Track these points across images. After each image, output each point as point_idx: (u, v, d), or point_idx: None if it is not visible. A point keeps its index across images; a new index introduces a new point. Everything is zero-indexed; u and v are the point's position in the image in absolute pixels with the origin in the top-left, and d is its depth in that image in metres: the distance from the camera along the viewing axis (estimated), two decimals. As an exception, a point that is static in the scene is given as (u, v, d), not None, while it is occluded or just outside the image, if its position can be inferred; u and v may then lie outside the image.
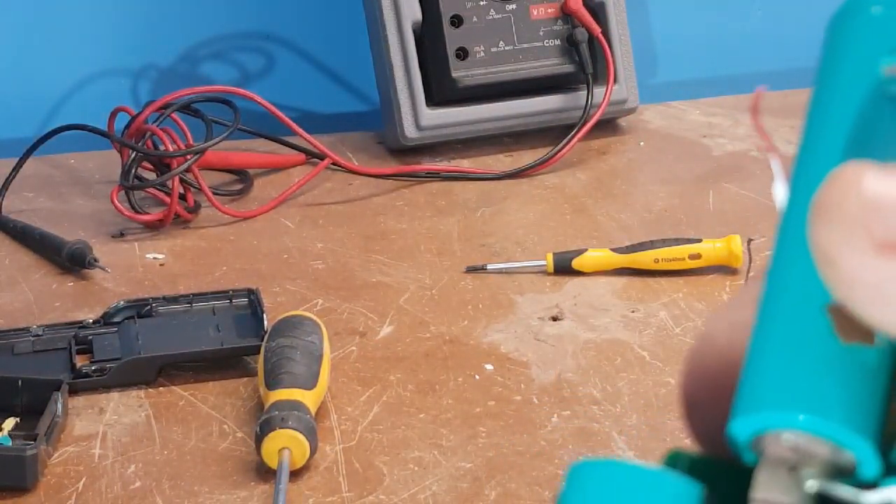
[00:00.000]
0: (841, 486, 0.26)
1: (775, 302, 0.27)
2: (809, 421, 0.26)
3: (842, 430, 0.26)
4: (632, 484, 0.27)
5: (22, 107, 1.36)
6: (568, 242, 1.13)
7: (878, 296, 0.25)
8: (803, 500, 0.26)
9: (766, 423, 0.26)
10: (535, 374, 0.95)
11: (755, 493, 0.26)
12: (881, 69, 0.28)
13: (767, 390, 0.26)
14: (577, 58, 1.31)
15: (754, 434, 0.26)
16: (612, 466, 0.27)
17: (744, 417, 0.26)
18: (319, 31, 1.43)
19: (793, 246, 0.27)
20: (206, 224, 1.18)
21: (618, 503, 0.27)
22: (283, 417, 0.83)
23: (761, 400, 0.26)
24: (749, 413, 0.26)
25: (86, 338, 0.96)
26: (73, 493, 0.82)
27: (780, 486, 0.26)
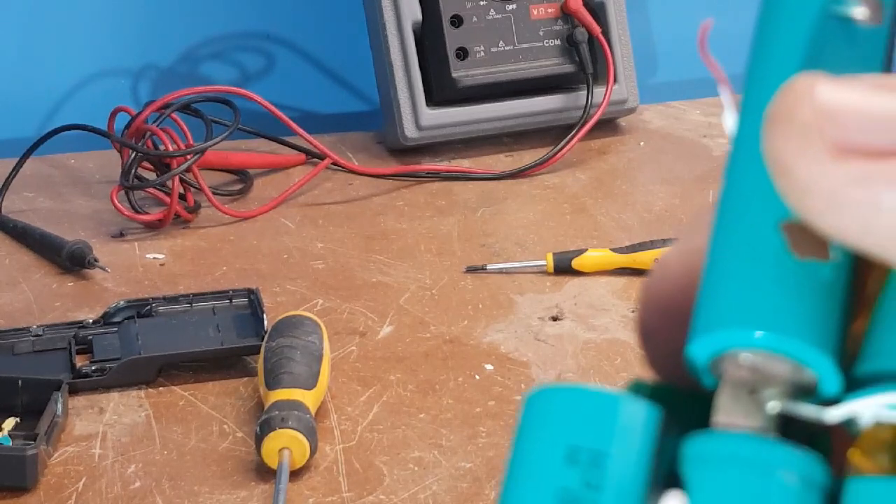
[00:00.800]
0: (803, 405, 0.26)
1: (729, 222, 0.27)
2: (767, 338, 0.25)
3: (800, 346, 0.25)
4: (589, 407, 0.26)
5: (22, 107, 1.36)
6: (568, 242, 1.13)
7: (834, 202, 0.25)
8: (765, 421, 0.26)
9: (724, 342, 0.26)
10: (536, 374, 0.95)
11: (716, 416, 0.26)
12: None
13: (723, 310, 0.26)
14: (577, 58, 1.31)
15: (712, 356, 0.26)
16: (568, 392, 0.27)
17: (701, 338, 0.26)
18: (319, 31, 1.43)
19: (744, 166, 0.27)
20: (206, 224, 1.18)
21: (575, 426, 0.26)
22: (283, 417, 0.83)
23: (717, 320, 0.26)
24: (706, 333, 0.26)
25: (86, 338, 0.96)
26: (73, 493, 0.82)
27: (742, 409, 0.26)
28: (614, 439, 0.26)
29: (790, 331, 0.25)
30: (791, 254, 0.26)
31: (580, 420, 0.26)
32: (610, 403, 0.26)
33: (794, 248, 0.26)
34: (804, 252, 0.26)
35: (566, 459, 0.26)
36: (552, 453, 0.26)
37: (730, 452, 0.25)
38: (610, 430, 0.26)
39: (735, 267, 0.26)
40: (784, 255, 0.26)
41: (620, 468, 0.26)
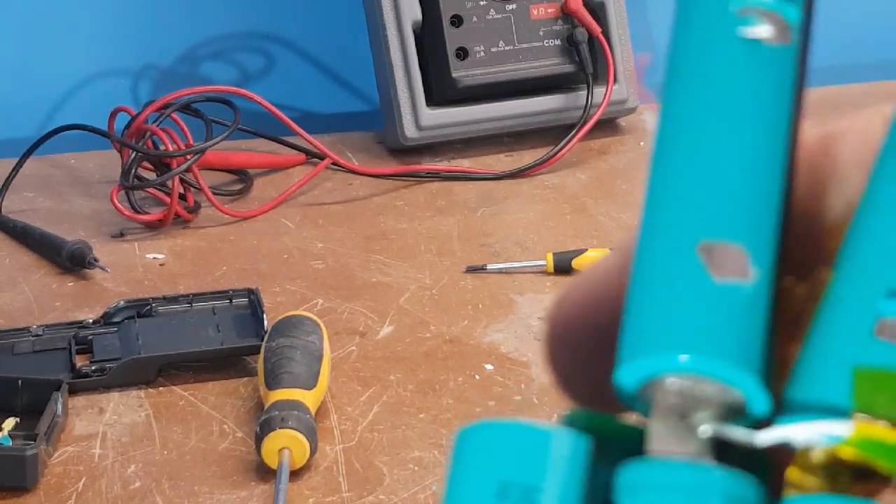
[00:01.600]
0: (734, 429, 0.26)
1: (647, 246, 0.27)
2: (692, 361, 0.25)
3: (725, 367, 0.25)
4: (520, 441, 0.26)
5: (22, 107, 1.36)
6: (568, 242, 1.13)
7: None
8: (698, 445, 0.26)
9: (649, 368, 0.26)
10: (536, 374, 0.95)
11: (649, 444, 0.26)
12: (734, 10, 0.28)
13: (647, 335, 0.26)
14: (577, 58, 1.31)
15: (640, 383, 0.26)
16: (497, 427, 0.27)
17: (626, 366, 0.26)
18: (319, 31, 1.43)
19: (661, 186, 0.27)
20: (206, 224, 1.18)
21: (505, 461, 0.26)
22: (283, 417, 0.83)
23: (642, 346, 0.26)
24: (631, 360, 0.26)
25: (86, 338, 0.96)
26: (73, 493, 0.82)
27: (674, 435, 0.26)
28: (546, 473, 0.26)
29: (714, 352, 0.25)
30: (710, 275, 0.26)
31: (511, 455, 0.26)
32: (540, 437, 0.26)
33: (712, 269, 0.26)
34: (723, 273, 0.26)
35: (497, 496, 0.26)
36: (483, 490, 0.26)
37: (662, 480, 0.25)
38: (541, 464, 0.26)
39: (655, 291, 0.26)
40: (703, 276, 0.26)
41: (553, 501, 0.26)
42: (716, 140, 0.27)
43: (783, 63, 0.28)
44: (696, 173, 0.27)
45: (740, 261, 0.26)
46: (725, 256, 0.26)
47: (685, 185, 0.27)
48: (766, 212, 0.27)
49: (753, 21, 0.27)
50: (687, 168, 0.27)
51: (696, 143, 0.27)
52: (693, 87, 0.28)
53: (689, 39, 0.28)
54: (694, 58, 0.28)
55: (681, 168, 0.27)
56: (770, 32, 0.27)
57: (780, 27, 0.28)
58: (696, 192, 0.27)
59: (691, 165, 0.27)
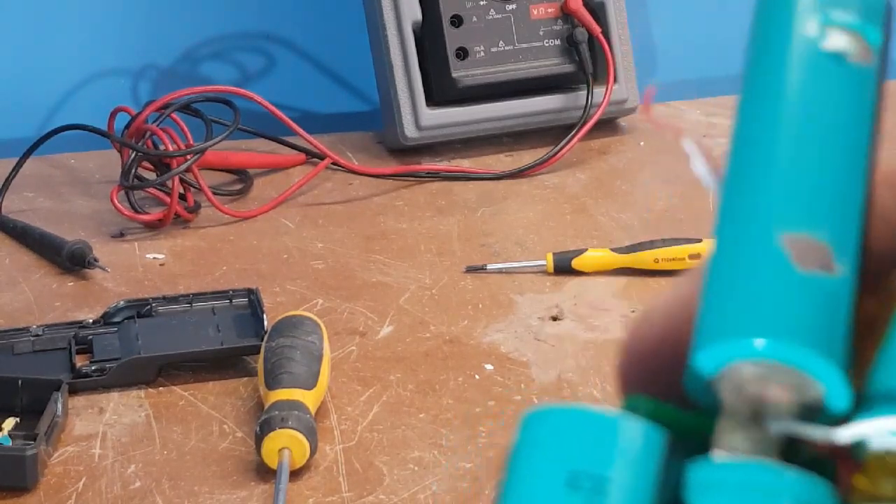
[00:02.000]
0: (810, 427, 0.25)
1: (728, 236, 0.26)
2: (772, 346, 0.25)
3: (807, 355, 0.25)
4: (590, 429, 0.26)
5: (22, 107, 1.36)
6: (568, 242, 1.13)
7: None
8: (769, 444, 0.25)
9: (727, 353, 0.25)
10: (535, 374, 0.95)
11: (718, 441, 0.25)
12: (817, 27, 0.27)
13: (724, 320, 0.25)
14: (577, 58, 1.31)
15: (714, 372, 0.25)
16: (568, 413, 0.26)
17: (703, 352, 0.25)
18: (319, 31, 1.43)
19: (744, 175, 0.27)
20: (206, 224, 1.18)
21: (575, 450, 0.25)
22: (283, 417, 0.83)
23: (719, 330, 0.25)
24: (708, 345, 0.25)
25: (86, 338, 0.96)
26: (73, 493, 0.82)
27: (744, 432, 0.25)
28: (617, 464, 0.25)
29: (795, 339, 0.25)
30: (793, 264, 0.25)
31: (581, 443, 0.25)
32: (611, 426, 0.26)
33: (796, 259, 0.25)
34: (807, 263, 0.25)
35: (567, 485, 0.25)
36: (553, 478, 0.25)
37: (734, 480, 0.25)
38: (612, 454, 0.25)
39: (736, 279, 0.26)
40: (787, 266, 0.25)
41: (624, 494, 0.25)
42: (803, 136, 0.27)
43: (864, 81, 0.27)
44: (782, 164, 0.27)
45: (825, 254, 0.25)
46: (810, 248, 0.25)
47: (769, 176, 0.27)
48: (851, 209, 0.26)
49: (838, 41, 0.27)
50: (771, 158, 0.27)
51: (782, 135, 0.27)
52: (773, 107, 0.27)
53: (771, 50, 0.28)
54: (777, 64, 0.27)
55: (765, 158, 0.27)
56: (854, 50, 0.27)
57: (862, 48, 0.27)
58: (781, 183, 0.26)
59: (776, 156, 0.27)
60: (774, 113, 0.27)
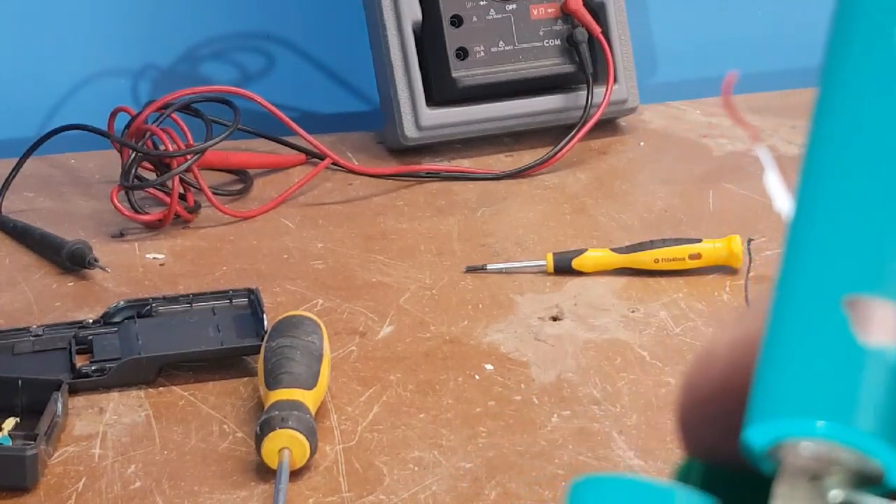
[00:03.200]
0: (868, 496, 0.24)
1: (788, 297, 0.25)
2: (830, 428, 0.24)
3: (866, 438, 0.24)
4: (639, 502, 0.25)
5: (22, 107, 1.36)
6: (568, 242, 1.13)
7: None
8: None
9: (784, 431, 0.24)
10: (535, 374, 0.95)
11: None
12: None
13: (782, 396, 0.24)
14: (577, 58, 1.31)
15: (770, 443, 0.24)
16: (618, 483, 0.25)
17: (759, 426, 0.24)
18: (319, 31, 1.43)
19: (806, 236, 0.25)
20: (206, 224, 1.18)
21: None
22: (283, 417, 0.83)
23: (776, 407, 0.24)
24: (764, 421, 0.24)
25: (86, 338, 0.96)
26: (73, 493, 0.82)
27: (802, 498, 0.24)
28: None
29: (855, 420, 0.24)
30: (854, 334, 0.24)
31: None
32: (661, 499, 0.25)
33: (857, 327, 0.24)
34: (869, 332, 0.24)
35: None
36: None
37: None
38: None
39: (794, 347, 0.24)
40: (847, 335, 0.24)
41: None
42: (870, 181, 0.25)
43: None
44: (848, 216, 0.25)
45: (890, 319, 0.24)
46: (874, 313, 0.24)
47: (834, 229, 0.25)
48: None
49: None
50: (837, 210, 0.25)
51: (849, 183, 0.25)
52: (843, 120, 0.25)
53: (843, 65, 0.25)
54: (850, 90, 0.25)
55: (830, 209, 0.25)
56: None
57: None
58: (846, 237, 0.24)
59: (842, 207, 0.25)
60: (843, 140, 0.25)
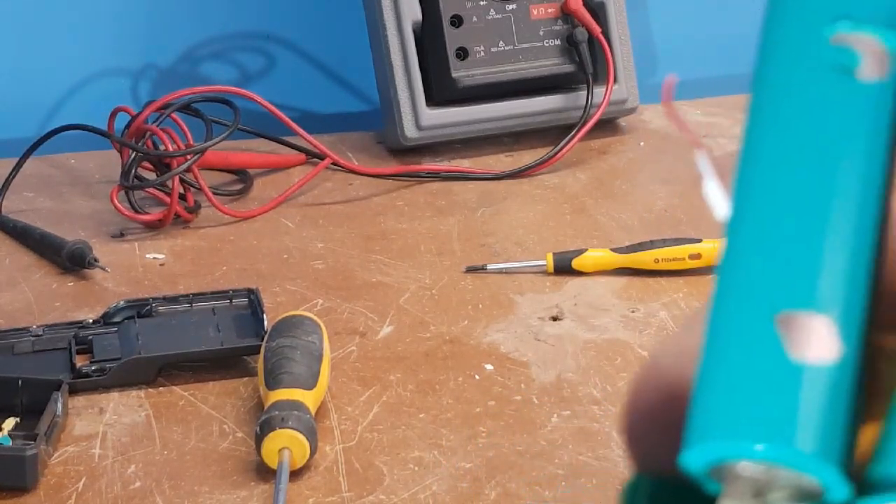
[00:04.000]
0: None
1: (722, 315, 0.24)
2: (769, 450, 0.23)
3: (802, 458, 0.23)
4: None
5: (22, 107, 1.36)
6: (568, 242, 1.13)
7: None
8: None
9: (720, 453, 0.24)
10: (535, 374, 0.95)
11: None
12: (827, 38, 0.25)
13: (718, 417, 0.24)
14: (577, 58, 1.31)
15: (710, 465, 0.24)
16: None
17: (695, 449, 0.24)
18: (319, 31, 1.43)
19: (738, 250, 0.25)
20: (206, 224, 1.18)
21: None
22: (283, 417, 0.83)
23: (712, 428, 0.24)
24: (699, 444, 0.24)
25: (86, 338, 0.96)
26: (73, 493, 0.82)
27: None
28: None
29: (791, 440, 0.23)
30: (788, 351, 0.23)
31: None
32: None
33: (791, 344, 0.23)
34: (803, 349, 0.23)
35: None
36: None
37: None
38: None
39: (728, 366, 0.24)
40: (780, 352, 0.23)
41: None
42: (800, 192, 0.24)
43: (880, 100, 0.24)
44: (778, 229, 0.24)
45: (824, 334, 0.23)
46: (807, 329, 0.23)
47: (764, 243, 0.24)
48: (857, 275, 0.24)
49: (847, 51, 0.24)
50: (767, 223, 0.24)
51: (778, 195, 0.24)
52: (777, 131, 0.25)
53: (774, 72, 0.25)
54: (778, 96, 0.25)
55: (760, 223, 0.24)
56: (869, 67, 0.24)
57: (878, 58, 0.24)
58: (776, 251, 0.24)
59: (772, 220, 0.24)
60: (769, 158, 0.25)
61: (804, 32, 0.25)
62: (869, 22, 0.24)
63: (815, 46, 0.25)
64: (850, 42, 0.25)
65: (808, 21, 0.25)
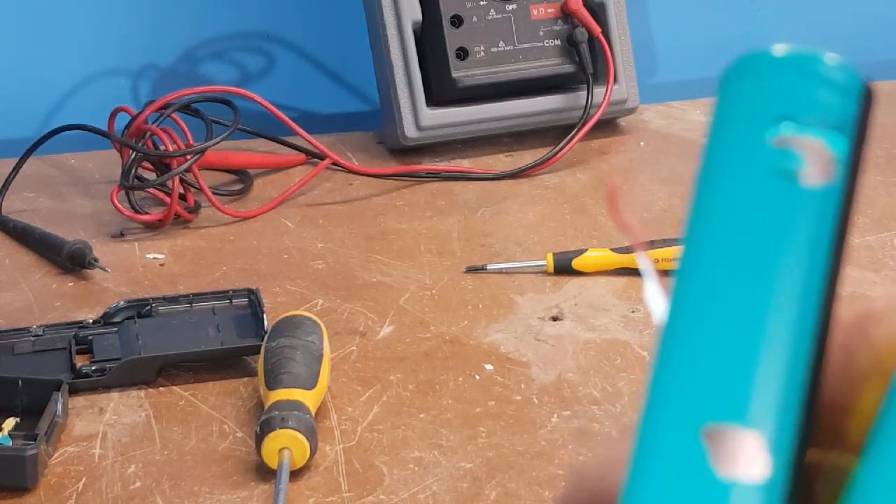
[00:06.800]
0: None
1: (649, 425, 0.23)
2: None
3: None
4: None
5: (22, 107, 1.36)
6: (568, 242, 1.13)
7: None
8: None
9: None
10: (535, 374, 0.95)
11: None
12: (768, 141, 0.24)
13: None
14: (577, 58, 1.31)
15: None
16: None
17: None
18: (319, 31, 1.43)
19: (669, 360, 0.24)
20: (206, 224, 1.18)
21: None
22: (283, 417, 0.83)
23: None
24: None
25: (86, 338, 0.96)
26: (73, 492, 0.82)
27: None
28: None
29: None
30: (712, 468, 0.22)
31: None
32: None
33: (716, 460, 0.22)
34: (728, 466, 0.22)
35: None
36: None
37: None
38: None
39: (653, 483, 0.23)
40: (705, 469, 0.22)
41: None
42: (737, 300, 0.23)
43: (823, 207, 0.23)
44: (711, 338, 0.23)
45: (752, 449, 0.22)
46: (734, 444, 0.22)
47: (697, 352, 0.23)
48: (791, 388, 0.23)
49: (790, 156, 0.24)
50: (701, 331, 0.23)
51: (714, 302, 0.23)
52: (716, 237, 0.24)
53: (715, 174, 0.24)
54: (719, 200, 0.24)
55: (694, 331, 0.23)
56: (810, 168, 0.23)
57: (822, 161, 0.23)
58: (708, 361, 0.23)
59: (706, 328, 0.23)
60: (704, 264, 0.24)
61: (747, 134, 0.24)
62: (814, 125, 0.24)
63: (757, 149, 0.24)
64: (794, 145, 0.24)
65: (751, 122, 0.24)
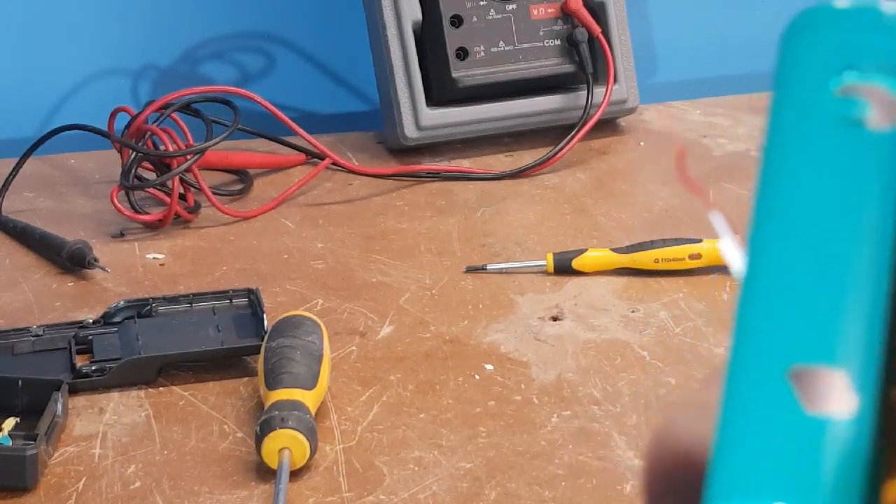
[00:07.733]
0: None
1: (738, 372, 0.24)
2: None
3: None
4: None
5: (22, 107, 1.36)
6: (568, 242, 1.13)
7: None
8: None
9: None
10: (535, 374, 0.95)
11: None
12: (833, 90, 0.25)
13: (735, 477, 0.24)
14: (577, 58, 1.31)
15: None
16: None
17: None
18: (319, 31, 1.43)
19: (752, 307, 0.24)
20: (206, 224, 1.18)
21: None
22: (283, 417, 0.83)
23: (732, 488, 0.24)
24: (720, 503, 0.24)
25: (86, 338, 0.96)
26: (73, 492, 0.82)
27: None
28: None
29: (810, 498, 0.23)
30: (800, 407, 0.23)
31: None
32: None
33: (804, 399, 0.23)
34: (816, 404, 0.23)
35: None
36: None
37: None
38: None
39: (744, 424, 0.24)
40: (794, 408, 0.23)
41: None
42: (815, 247, 0.24)
43: (892, 149, 0.24)
44: (793, 284, 0.24)
45: (838, 387, 0.23)
46: (820, 383, 0.23)
47: (779, 299, 0.24)
48: (873, 328, 0.24)
49: (856, 103, 0.24)
50: (782, 278, 0.24)
51: (793, 250, 0.24)
52: (789, 187, 0.24)
53: (783, 128, 0.25)
54: (788, 150, 0.25)
55: (775, 278, 0.24)
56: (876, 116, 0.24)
57: (887, 106, 0.24)
58: (791, 306, 0.24)
59: (787, 275, 0.24)
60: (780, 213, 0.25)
61: (811, 86, 0.25)
62: (876, 71, 0.24)
63: (822, 99, 0.25)
64: (858, 93, 0.24)
65: (813, 74, 0.25)
